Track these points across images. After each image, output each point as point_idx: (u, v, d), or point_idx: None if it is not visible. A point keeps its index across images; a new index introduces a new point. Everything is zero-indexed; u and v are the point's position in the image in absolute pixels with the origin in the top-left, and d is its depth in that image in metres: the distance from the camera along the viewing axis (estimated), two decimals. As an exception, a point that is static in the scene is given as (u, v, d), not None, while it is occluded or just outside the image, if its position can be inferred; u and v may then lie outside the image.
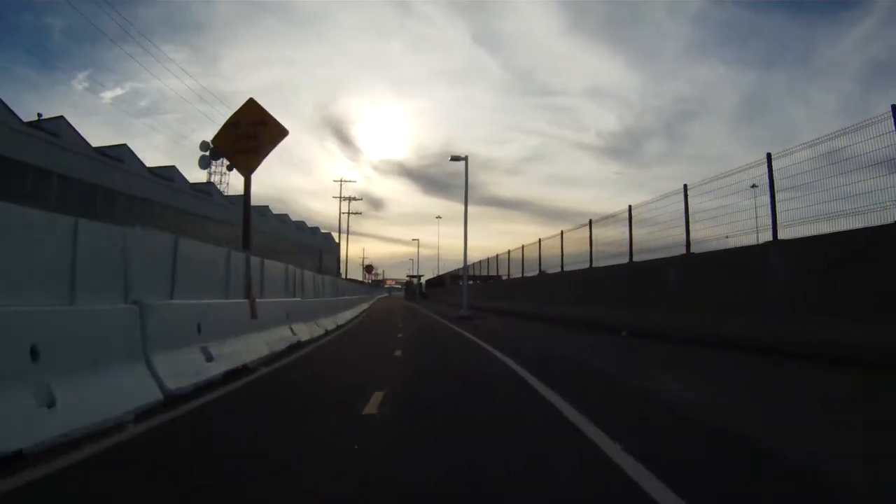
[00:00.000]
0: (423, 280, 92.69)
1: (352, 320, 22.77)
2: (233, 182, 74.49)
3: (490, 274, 37.58)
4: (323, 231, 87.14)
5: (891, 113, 8.67)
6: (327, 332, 16.24)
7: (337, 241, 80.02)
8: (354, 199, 75.69)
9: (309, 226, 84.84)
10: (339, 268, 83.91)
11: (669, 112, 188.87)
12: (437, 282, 79.08)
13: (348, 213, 77.41)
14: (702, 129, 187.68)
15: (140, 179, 43.16)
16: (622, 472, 3.48)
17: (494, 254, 37.00)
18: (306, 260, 76.07)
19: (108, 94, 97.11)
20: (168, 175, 47.27)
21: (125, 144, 42.95)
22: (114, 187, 39.93)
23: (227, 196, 60.14)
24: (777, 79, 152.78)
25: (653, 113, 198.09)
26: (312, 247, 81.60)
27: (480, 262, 42.04)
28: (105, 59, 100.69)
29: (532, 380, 7.48)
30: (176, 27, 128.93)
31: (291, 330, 12.75)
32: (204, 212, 51.50)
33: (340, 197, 73.12)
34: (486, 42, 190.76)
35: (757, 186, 11.79)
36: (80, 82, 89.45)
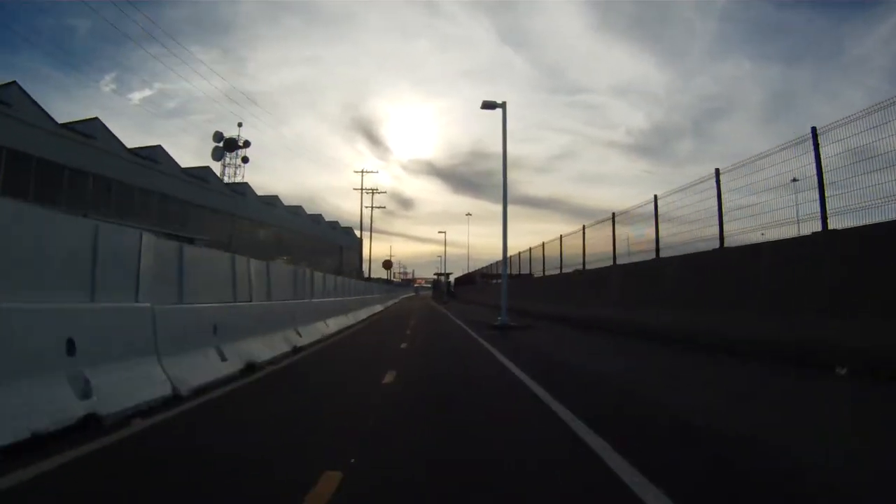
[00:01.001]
0: (451, 279, 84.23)
1: (331, 336, 14.57)
2: (247, 175, 67.26)
3: (522, 272, 30.11)
4: (344, 226, 78.90)
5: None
6: (246, 370, 8.20)
7: (360, 237, 71.58)
8: (377, 191, 67.49)
9: (334, 223, 77.06)
10: (361, 265, 76.28)
11: (698, 109, 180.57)
12: (467, 280, 71.11)
13: (371, 206, 69.37)
14: (730, 127, 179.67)
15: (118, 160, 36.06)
16: None
17: (528, 248, 28.74)
18: (324, 257, 68.33)
19: (137, 96, 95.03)
20: (152, 156, 40.06)
21: (96, 118, 35.76)
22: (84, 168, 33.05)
23: (228, 184, 52.89)
24: (803, 75, 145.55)
25: (681, 110, 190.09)
26: (331, 242, 73.76)
27: (510, 258, 33.64)
28: (132, 60, 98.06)
29: None
30: (202, 28, 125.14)
31: (81, 385, 4.80)
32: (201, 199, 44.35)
33: (362, 189, 64.74)
34: (514, 40, 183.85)
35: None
36: (107, 84, 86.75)
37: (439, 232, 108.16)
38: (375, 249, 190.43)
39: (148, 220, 37.29)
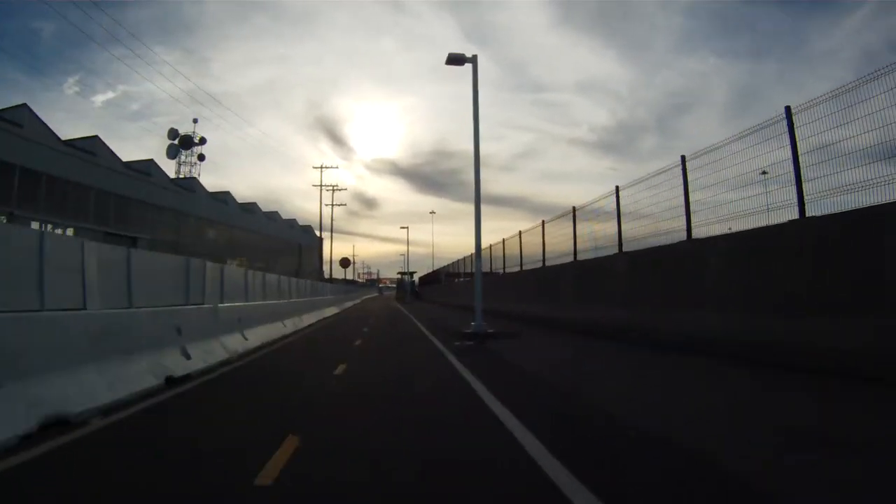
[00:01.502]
0: (415, 278, 79.38)
1: (246, 354, 10.53)
2: (209, 177, 61.54)
3: (493, 269, 26.85)
4: (303, 224, 73.77)
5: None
6: (34, 437, 4.33)
7: (320, 235, 66.09)
8: (338, 188, 62.77)
9: (292, 220, 71.76)
10: (321, 266, 71.37)
11: (662, 105, 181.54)
12: (432, 278, 67.34)
13: (332, 204, 64.40)
14: (695, 122, 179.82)
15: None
16: None
17: (500, 240, 24.99)
18: (282, 257, 63.02)
19: (100, 98, 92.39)
20: (89, 147, 35.18)
21: (24, 104, 30.90)
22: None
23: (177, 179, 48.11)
24: (769, 69, 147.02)
25: (645, 107, 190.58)
26: (289, 241, 68.64)
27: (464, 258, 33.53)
28: (95, 62, 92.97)
29: None
30: (166, 29, 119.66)
31: None
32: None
33: (321, 185, 59.24)
34: (477, 38, 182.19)
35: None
36: (70, 86, 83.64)
37: (401, 227, 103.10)
38: (339, 250, 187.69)
39: (83, 217, 33.01)
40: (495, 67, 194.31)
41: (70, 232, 29.31)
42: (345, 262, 62.54)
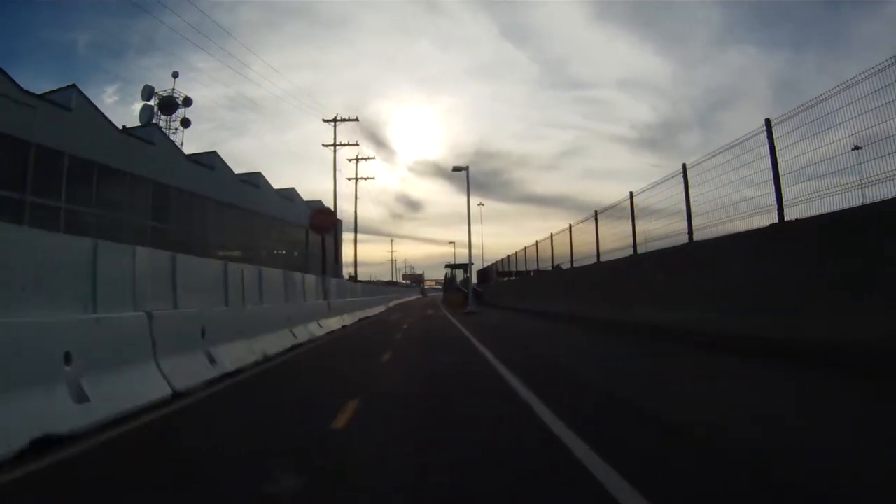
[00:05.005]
0: (471, 272, 57.10)
1: None
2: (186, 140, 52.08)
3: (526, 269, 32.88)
4: (308, 200, 59.10)
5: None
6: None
7: (334, 208, 48.55)
8: (355, 149, 56.58)
9: (289, 189, 55.73)
10: (338, 258, 58.81)
11: (702, 101, 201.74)
12: (489, 274, 59.38)
13: (356, 178, 57.52)
14: (736, 116, 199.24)
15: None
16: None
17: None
18: (275, 243, 50.23)
19: (138, 107, 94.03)
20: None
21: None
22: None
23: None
24: (808, 59, 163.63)
25: (686, 102, 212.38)
26: (286, 221, 53.01)
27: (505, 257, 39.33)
28: (132, 71, 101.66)
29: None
30: (202, 36, 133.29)
31: None
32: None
33: (335, 144, 49.47)
34: (514, 36, 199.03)
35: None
36: (109, 96, 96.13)
37: (454, 169, 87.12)
38: (381, 252, 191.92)
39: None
40: (534, 66, 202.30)
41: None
42: (321, 220, 37.77)
